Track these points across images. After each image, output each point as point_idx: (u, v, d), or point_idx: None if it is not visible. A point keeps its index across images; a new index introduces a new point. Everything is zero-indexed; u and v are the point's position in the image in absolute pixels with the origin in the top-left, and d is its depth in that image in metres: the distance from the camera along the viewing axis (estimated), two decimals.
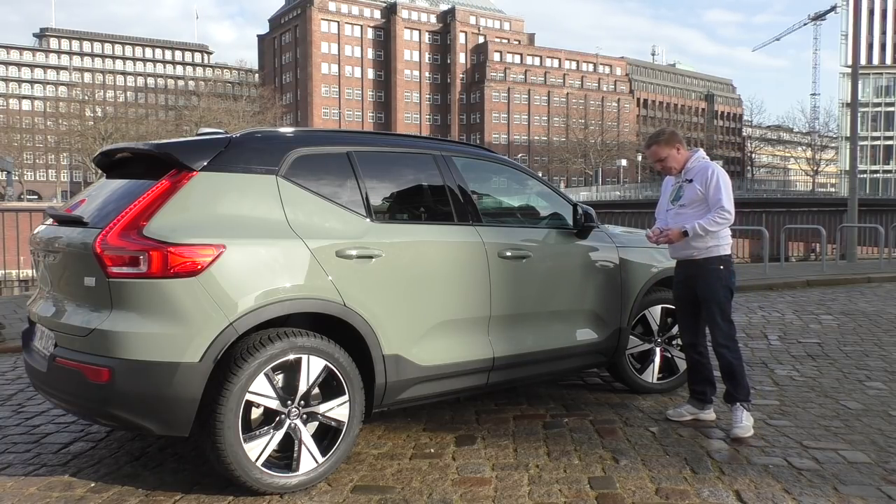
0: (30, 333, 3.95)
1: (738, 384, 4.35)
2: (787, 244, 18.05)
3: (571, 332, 4.67)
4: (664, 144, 4.51)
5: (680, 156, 4.50)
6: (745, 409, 4.31)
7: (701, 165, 4.45)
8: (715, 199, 4.31)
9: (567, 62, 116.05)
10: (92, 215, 3.54)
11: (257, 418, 3.45)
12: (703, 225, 4.29)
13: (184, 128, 71.61)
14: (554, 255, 4.65)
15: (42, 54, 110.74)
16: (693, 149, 4.60)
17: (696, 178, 4.42)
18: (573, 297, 4.70)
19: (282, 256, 3.51)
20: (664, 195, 4.70)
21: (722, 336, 4.40)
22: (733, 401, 4.35)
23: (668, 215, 4.57)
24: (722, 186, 4.32)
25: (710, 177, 4.35)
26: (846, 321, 8.08)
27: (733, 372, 4.36)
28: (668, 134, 4.57)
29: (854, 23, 17.93)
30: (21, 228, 11.23)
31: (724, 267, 4.41)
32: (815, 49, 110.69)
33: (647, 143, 4.63)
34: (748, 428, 4.24)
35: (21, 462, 3.94)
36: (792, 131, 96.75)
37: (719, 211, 4.29)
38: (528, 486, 3.56)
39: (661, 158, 4.51)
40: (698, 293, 4.44)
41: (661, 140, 4.53)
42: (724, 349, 4.38)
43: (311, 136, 4.12)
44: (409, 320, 3.89)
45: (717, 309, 4.39)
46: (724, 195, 4.31)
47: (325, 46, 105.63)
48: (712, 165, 4.44)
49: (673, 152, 4.50)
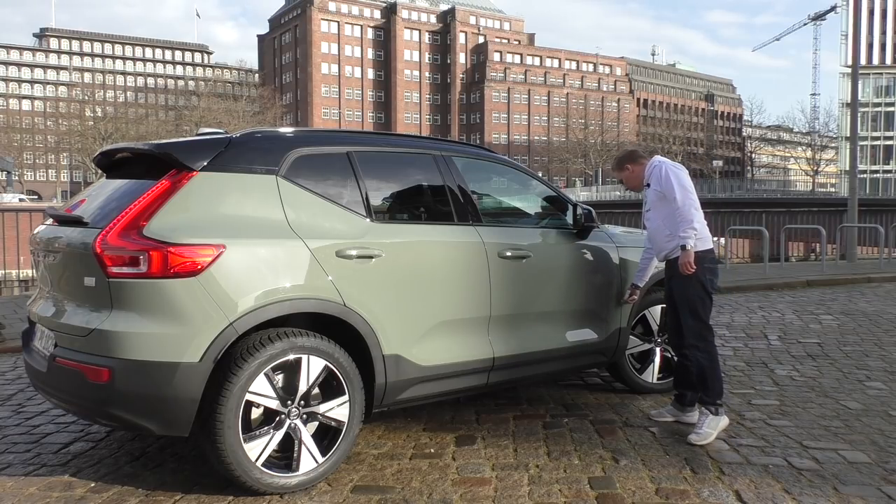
0: (30, 333, 3.95)
1: (708, 387, 4.26)
2: (787, 244, 18.06)
3: (571, 332, 4.67)
4: (616, 170, 4.68)
5: (636, 171, 4.57)
6: (710, 413, 4.20)
7: (654, 166, 4.48)
8: (679, 198, 4.27)
9: (567, 62, 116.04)
10: (92, 215, 3.54)
11: (257, 418, 3.45)
12: (685, 236, 4.25)
13: (184, 128, 71.61)
14: (554, 255, 4.65)
15: (42, 54, 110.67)
16: (651, 156, 4.66)
17: (652, 180, 4.46)
18: (573, 297, 4.70)
19: (282, 256, 3.51)
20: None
21: (692, 335, 4.33)
22: (702, 403, 4.29)
23: (646, 227, 4.68)
24: (674, 180, 4.30)
25: (662, 175, 4.37)
26: (846, 321, 8.08)
27: (703, 374, 4.28)
28: (617, 160, 4.71)
29: (854, 23, 17.92)
30: (21, 228, 11.23)
31: (698, 264, 4.29)
32: (815, 49, 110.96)
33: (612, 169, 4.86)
34: (708, 436, 4.10)
35: (21, 462, 3.94)
36: (792, 131, 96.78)
37: (683, 210, 4.25)
38: (528, 486, 3.56)
39: (621, 181, 4.74)
40: (675, 290, 4.42)
41: (614, 167, 4.74)
42: (694, 349, 4.31)
43: (311, 136, 4.12)
44: (409, 320, 3.89)
45: (688, 307, 4.33)
46: (678, 189, 4.27)
47: (325, 46, 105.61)
48: (665, 163, 4.43)
49: (626, 174, 4.61)
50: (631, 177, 4.60)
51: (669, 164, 4.42)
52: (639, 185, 4.59)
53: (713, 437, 4.09)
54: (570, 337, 4.65)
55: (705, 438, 4.08)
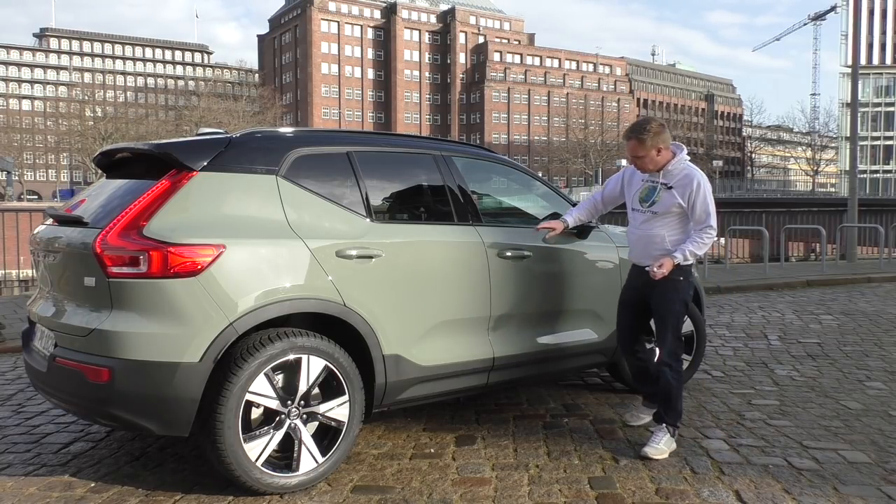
0: (30, 333, 3.95)
1: (671, 407, 4.03)
2: (787, 244, 18.04)
3: (571, 332, 4.67)
4: (648, 144, 3.94)
5: (660, 158, 4.00)
6: (668, 431, 4.00)
7: (685, 173, 4.01)
8: (702, 216, 3.96)
9: (567, 62, 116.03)
10: (92, 215, 3.54)
11: (257, 418, 3.45)
12: (693, 251, 3.98)
13: (184, 128, 71.57)
14: (554, 255, 4.65)
15: (42, 54, 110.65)
16: (676, 145, 4.06)
17: (676, 186, 3.99)
18: (573, 297, 4.69)
19: (282, 256, 3.51)
20: (625, 187, 4.31)
21: (668, 354, 4.06)
22: (661, 421, 4.06)
23: (633, 216, 4.21)
24: (709, 201, 3.97)
25: (695, 189, 3.95)
26: (846, 321, 8.08)
27: (670, 394, 4.03)
28: (653, 130, 3.94)
29: (854, 23, 17.92)
30: (21, 228, 11.23)
31: (684, 278, 4.07)
32: (815, 49, 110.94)
33: (627, 133, 4.04)
34: (662, 451, 3.90)
35: (21, 462, 3.94)
36: (792, 131, 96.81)
37: (707, 230, 3.97)
38: (528, 486, 3.56)
39: (638, 156, 4.00)
40: (654, 303, 4.12)
41: (645, 137, 3.93)
42: (667, 367, 4.04)
43: (311, 136, 4.12)
44: (409, 320, 3.89)
45: (669, 324, 4.06)
46: (711, 211, 3.96)
47: (325, 46, 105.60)
48: (697, 174, 4.00)
49: (653, 153, 3.98)
50: (655, 161, 3.99)
51: (705, 180, 3.99)
52: (652, 171, 4.05)
53: (665, 455, 3.91)
54: (570, 337, 4.65)
55: (660, 454, 3.88)
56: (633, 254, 4.33)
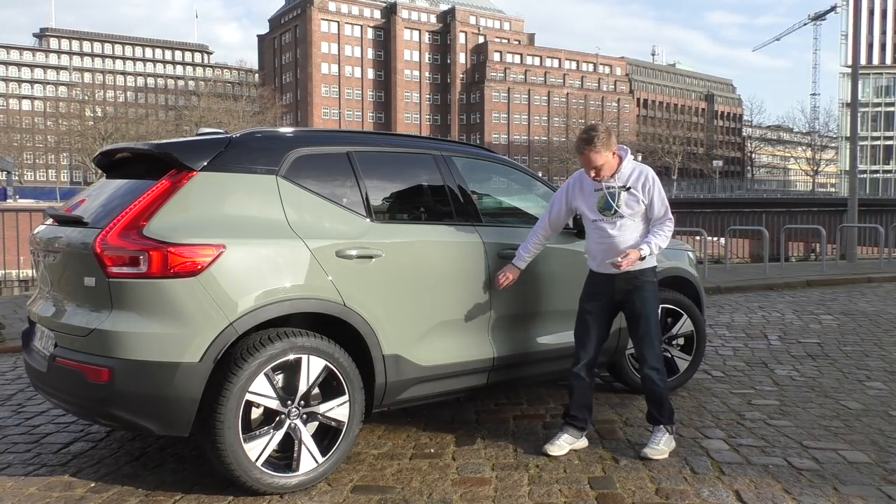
0: (30, 333, 3.95)
1: (664, 407, 4.02)
2: (787, 244, 18.04)
3: (571, 332, 4.65)
4: (601, 148, 3.83)
5: (615, 160, 3.92)
6: (667, 431, 3.99)
7: (637, 171, 3.99)
8: (661, 208, 3.96)
9: (567, 62, 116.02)
10: (92, 215, 3.54)
11: (257, 418, 3.45)
12: (658, 244, 3.93)
13: (184, 128, 71.58)
14: (554, 255, 4.64)
15: (42, 54, 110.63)
16: (621, 147, 4.00)
17: (633, 185, 3.94)
18: (573, 297, 4.67)
19: (282, 256, 3.51)
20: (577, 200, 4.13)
21: (654, 358, 4.03)
22: (657, 422, 4.03)
23: (597, 227, 4.03)
24: (664, 193, 3.99)
25: (651, 184, 3.94)
26: (846, 321, 8.08)
27: (660, 396, 4.02)
28: (603, 136, 3.84)
29: (854, 23, 17.92)
30: (21, 228, 11.23)
31: (656, 280, 4.11)
32: (815, 49, 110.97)
33: (580, 147, 3.89)
34: (663, 451, 3.91)
35: (21, 462, 3.94)
36: (792, 131, 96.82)
37: (667, 222, 3.98)
38: (528, 486, 3.56)
39: (596, 167, 3.87)
40: (633, 310, 4.04)
41: (598, 144, 3.82)
42: (654, 372, 4.01)
43: (311, 136, 4.12)
44: (409, 320, 3.89)
45: (654, 327, 4.03)
46: (667, 203, 3.97)
47: (325, 46, 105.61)
48: (648, 169, 4.01)
49: (609, 157, 3.87)
50: (611, 164, 3.91)
51: (652, 170, 4.03)
52: (608, 177, 3.93)
53: (666, 455, 3.91)
54: (570, 337, 4.63)
55: (660, 454, 3.89)
56: (596, 263, 4.13)
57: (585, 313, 4.16)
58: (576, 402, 4.10)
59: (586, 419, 4.12)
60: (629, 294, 4.03)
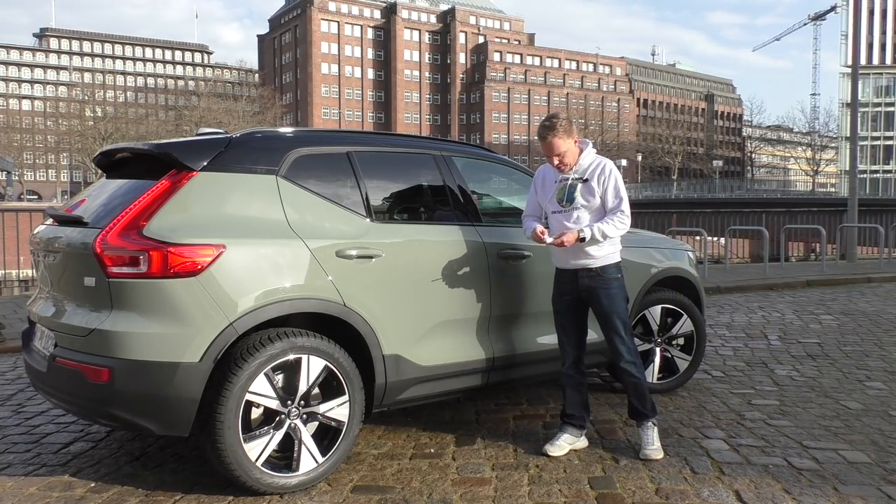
0: (30, 333, 3.95)
1: (646, 400, 4.00)
2: (787, 244, 18.04)
3: None
4: (563, 135, 3.86)
5: (576, 149, 3.95)
6: (653, 425, 3.99)
7: (596, 163, 3.97)
8: (615, 200, 3.91)
9: (567, 62, 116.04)
10: (92, 215, 3.54)
11: (257, 418, 3.45)
12: (604, 230, 3.85)
13: (184, 128, 71.59)
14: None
15: (42, 54, 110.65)
16: (582, 140, 4.03)
17: (591, 177, 3.93)
18: None
19: (282, 256, 3.51)
20: (538, 193, 4.16)
21: (628, 351, 4.00)
22: (642, 418, 4.00)
23: (555, 219, 4.03)
24: (620, 187, 3.94)
25: (607, 175, 3.92)
26: (846, 321, 8.08)
27: (641, 389, 4.00)
28: (564, 123, 3.88)
29: (854, 23, 17.93)
30: (21, 228, 11.23)
31: (622, 275, 4.04)
32: (816, 49, 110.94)
33: (541, 133, 3.91)
34: (658, 448, 3.92)
35: (21, 462, 3.94)
36: (792, 131, 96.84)
37: (620, 214, 3.89)
38: (528, 486, 3.56)
39: (559, 153, 3.90)
40: (598, 306, 4.00)
41: (559, 129, 3.85)
42: (631, 365, 3.99)
43: (311, 136, 4.13)
44: (409, 320, 3.89)
45: (620, 322, 3.98)
46: (623, 196, 3.92)
47: (325, 46, 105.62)
48: (608, 162, 3.98)
49: (571, 144, 3.91)
50: (573, 153, 3.92)
51: (612, 164, 3.99)
52: (572, 165, 3.95)
53: (661, 451, 3.91)
54: None
55: (659, 452, 3.90)
56: (558, 258, 4.11)
57: (557, 314, 4.16)
58: (570, 401, 4.13)
59: (584, 417, 4.13)
60: (594, 291, 4.00)
